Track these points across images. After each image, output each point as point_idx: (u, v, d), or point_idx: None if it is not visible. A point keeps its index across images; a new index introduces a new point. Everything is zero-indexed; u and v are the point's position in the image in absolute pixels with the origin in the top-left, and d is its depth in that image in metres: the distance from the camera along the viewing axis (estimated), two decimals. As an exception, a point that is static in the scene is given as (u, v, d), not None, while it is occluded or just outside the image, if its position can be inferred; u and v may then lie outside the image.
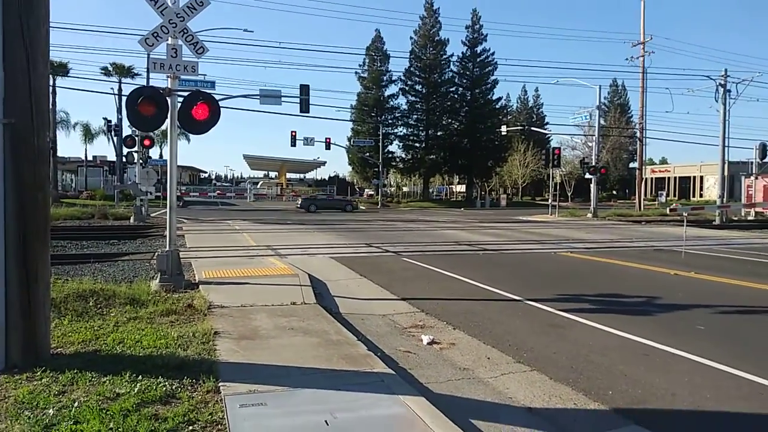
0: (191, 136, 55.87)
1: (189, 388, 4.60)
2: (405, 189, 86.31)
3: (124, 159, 33.61)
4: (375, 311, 8.38)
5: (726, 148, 32.61)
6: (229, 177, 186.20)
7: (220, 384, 4.66)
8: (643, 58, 41.36)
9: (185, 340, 5.95)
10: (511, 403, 4.98)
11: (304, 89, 31.08)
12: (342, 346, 5.93)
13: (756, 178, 40.25)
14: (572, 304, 8.72)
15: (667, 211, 21.02)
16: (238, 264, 11.95)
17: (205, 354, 5.51)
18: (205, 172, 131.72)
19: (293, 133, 48.98)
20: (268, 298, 8.26)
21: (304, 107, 31.06)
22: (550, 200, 38.62)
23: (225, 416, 4.05)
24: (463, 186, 72.56)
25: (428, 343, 6.70)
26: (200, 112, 9.20)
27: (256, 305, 7.80)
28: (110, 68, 42.97)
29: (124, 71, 42.27)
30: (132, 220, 25.02)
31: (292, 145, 49.59)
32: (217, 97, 31.39)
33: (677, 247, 16.52)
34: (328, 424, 3.97)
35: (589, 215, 34.34)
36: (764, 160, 39.02)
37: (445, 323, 7.69)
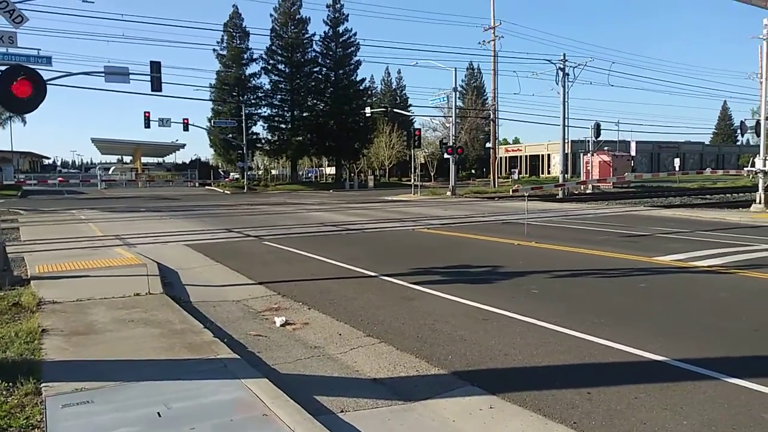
0: (28, 117, 50.29)
1: (4, 392, 4.16)
2: (274, 172, 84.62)
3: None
4: (229, 297, 8.15)
5: (566, 128, 35.74)
6: (77, 163, 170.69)
7: (42, 385, 4.27)
8: (494, 42, 43.85)
9: (5, 340, 5.37)
10: (357, 375, 5.11)
11: (155, 66, 29.17)
12: (186, 334, 5.69)
13: (592, 155, 44.78)
14: (424, 277, 9.12)
15: (510, 192, 22.73)
16: (80, 256, 11.00)
17: (27, 354, 5.01)
18: (48, 158, 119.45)
19: (147, 114, 45.82)
20: (110, 290, 7.69)
21: (156, 85, 29.19)
22: (412, 180, 39.94)
23: (44, 418, 3.72)
24: (333, 168, 72.67)
25: (281, 325, 6.65)
26: (22, 89, 8.26)
27: (94, 299, 7.23)
28: None
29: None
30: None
31: (146, 127, 46.34)
32: (56, 75, 28.29)
33: (523, 220, 17.89)
34: (161, 416, 3.79)
35: (448, 193, 36.06)
36: (599, 139, 43.54)
37: (301, 304, 7.68)
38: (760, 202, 20.76)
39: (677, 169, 56.75)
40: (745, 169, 23.22)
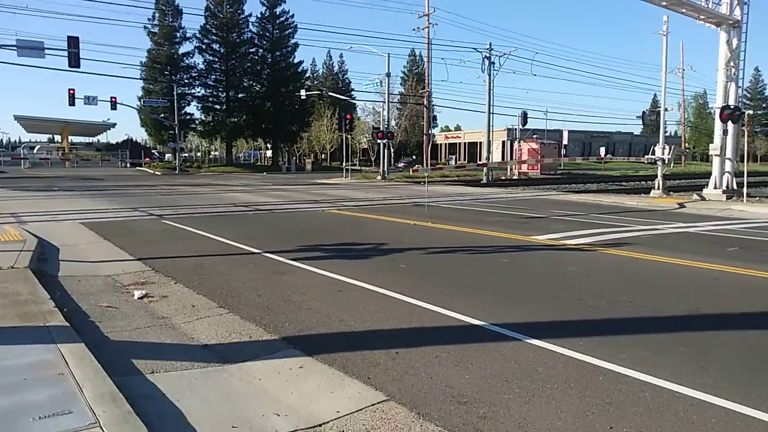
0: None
1: None
2: (215, 154, 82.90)
3: None
4: (100, 272, 8.13)
5: (491, 115, 36.64)
6: (4, 142, 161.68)
7: None
8: (428, 29, 44.29)
9: None
10: (190, 342, 5.29)
11: (73, 41, 28.07)
12: (27, 305, 5.72)
13: (519, 143, 46.13)
14: (306, 254, 9.36)
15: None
16: (-42, 233, 10.66)
17: None
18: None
19: (71, 91, 44.00)
20: (-30, 264, 7.56)
21: (74, 61, 28.12)
22: (343, 164, 40.11)
23: None
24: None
25: (139, 298, 6.73)
26: None
27: (-52, 273, 7.11)
28: None
29: None
30: None
31: (70, 104, 44.45)
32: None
33: (438, 202, 18.43)
34: (-46, 378, 3.88)
35: (379, 177, 36.45)
36: (525, 127, 44.79)
37: (170, 279, 7.76)
38: (658, 188, 22.07)
39: (604, 156, 59.06)
40: (645, 156, 24.60)
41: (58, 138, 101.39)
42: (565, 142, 68.19)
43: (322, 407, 3.92)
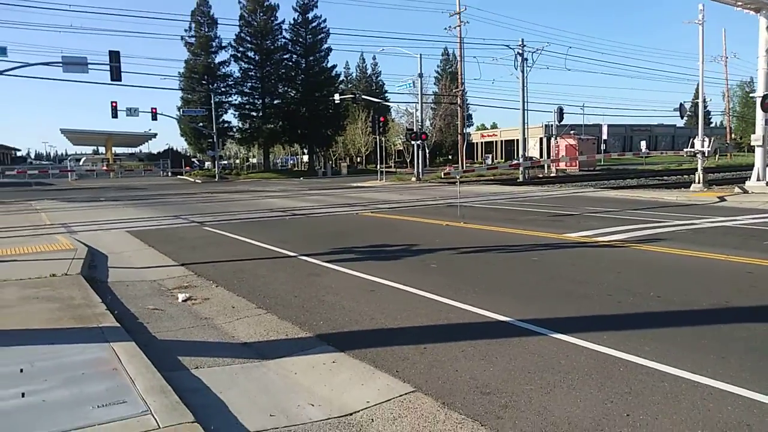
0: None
1: None
2: (254, 161, 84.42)
3: None
4: (146, 277, 8.62)
5: (526, 112, 36.39)
6: (51, 155, 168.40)
7: (-77, 352, 4.73)
8: (460, 28, 44.26)
9: None
10: (231, 340, 5.64)
11: (114, 56, 29.25)
12: (80, 308, 6.17)
13: (556, 140, 45.62)
14: (340, 256, 9.66)
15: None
16: (16, 243, 11.36)
17: (-77, 328, 5.46)
18: (19, 150, 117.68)
19: (114, 104, 45.65)
20: (28, 272, 8.11)
21: (115, 75, 29.28)
22: (377, 166, 40.43)
23: None
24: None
25: (183, 301, 7.15)
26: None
27: (9, 280, 7.66)
28: None
29: None
30: None
31: (113, 117, 46.07)
32: (13, 65, 28.35)
33: (472, 203, 18.53)
34: (22, 372, 4.29)
35: (413, 179, 36.63)
36: (562, 122, 44.29)
37: (212, 282, 8.17)
38: (698, 182, 21.61)
39: (643, 151, 57.80)
40: (685, 150, 24.09)
41: (102, 149, 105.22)
42: (604, 136, 67.00)
43: (353, 398, 4.19)
